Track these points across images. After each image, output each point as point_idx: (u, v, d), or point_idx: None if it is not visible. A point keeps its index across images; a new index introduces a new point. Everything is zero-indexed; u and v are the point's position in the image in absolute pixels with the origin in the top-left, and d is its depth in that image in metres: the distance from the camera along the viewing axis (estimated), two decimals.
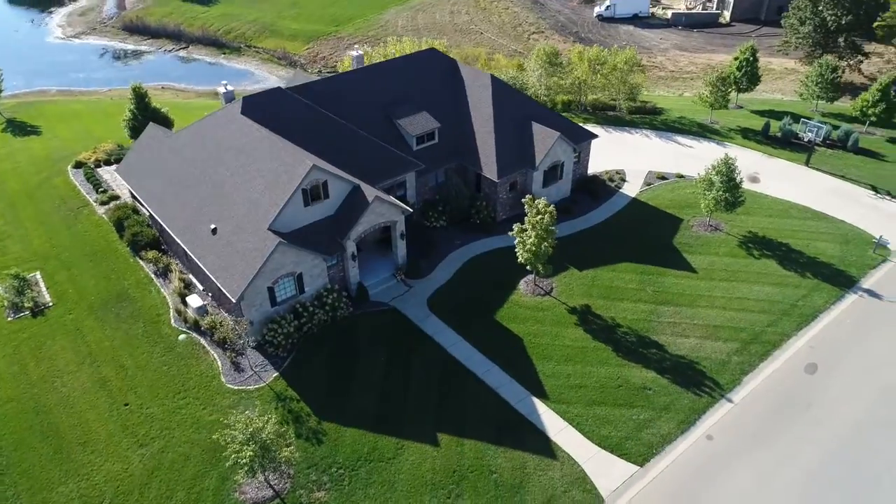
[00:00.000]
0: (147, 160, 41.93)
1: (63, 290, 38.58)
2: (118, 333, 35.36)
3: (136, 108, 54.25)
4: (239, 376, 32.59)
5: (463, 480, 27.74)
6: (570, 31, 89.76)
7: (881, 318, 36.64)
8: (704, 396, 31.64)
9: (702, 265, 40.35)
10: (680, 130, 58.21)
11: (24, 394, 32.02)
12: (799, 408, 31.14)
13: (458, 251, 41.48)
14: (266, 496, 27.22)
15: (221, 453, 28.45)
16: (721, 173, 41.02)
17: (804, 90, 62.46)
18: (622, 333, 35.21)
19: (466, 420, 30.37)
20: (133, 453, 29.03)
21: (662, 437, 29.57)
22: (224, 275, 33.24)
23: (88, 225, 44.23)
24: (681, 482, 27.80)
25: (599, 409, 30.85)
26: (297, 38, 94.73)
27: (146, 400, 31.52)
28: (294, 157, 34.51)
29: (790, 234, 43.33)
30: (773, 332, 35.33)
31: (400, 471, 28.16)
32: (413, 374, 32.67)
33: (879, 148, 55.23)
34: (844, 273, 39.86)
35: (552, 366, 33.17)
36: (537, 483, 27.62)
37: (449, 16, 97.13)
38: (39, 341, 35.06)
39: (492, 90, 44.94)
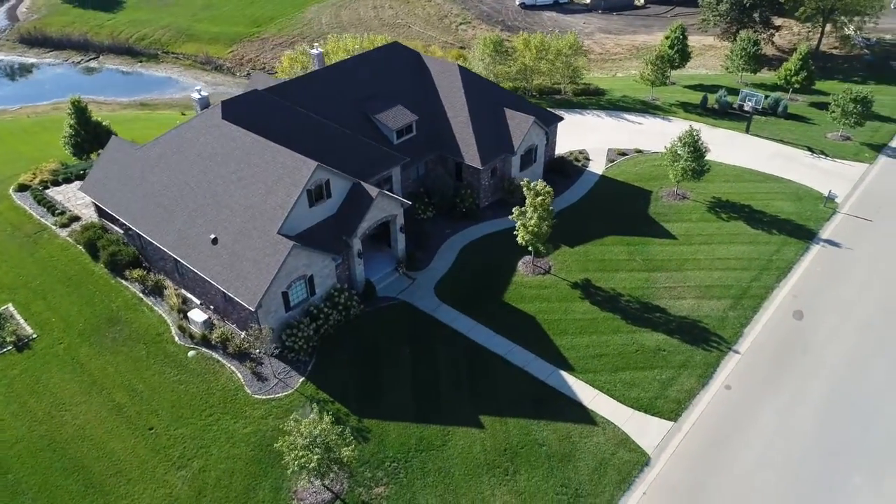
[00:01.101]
0: (117, 175, 39.74)
1: (44, 320, 36.12)
2: (120, 358, 33.59)
3: (77, 123, 51.01)
4: (263, 386, 31.84)
5: (515, 457, 28.53)
6: (496, 21, 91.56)
7: (844, 264, 40.34)
8: (714, 351, 33.90)
9: (680, 232, 42.87)
10: (626, 109, 61.05)
11: (33, 432, 29.95)
12: (797, 351, 33.98)
13: (450, 240, 42.02)
14: (325, 499, 26.95)
15: (268, 464, 28.09)
16: (687, 144, 43.68)
17: (729, 63, 67.01)
18: (625, 302, 37.00)
19: (502, 399, 31.14)
20: (173, 476, 27.89)
21: (687, 393, 31.52)
22: (236, 284, 32.29)
23: (53, 250, 41.42)
24: (713, 431, 29.81)
25: (624, 374, 32.43)
26: (217, 41, 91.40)
27: (171, 421, 30.25)
28: (294, 159, 33.88)
29: (749, 197, 46.71)
30: (758, 287, 38.20)
31: (452, 456, 28.58)
32: (440, 362, 33.06)
33: (805, 112, 60.19)
34: (804, 227, 43.50)
35: (569, 339, 34.47)
36: (585, 449, 28.83)
37: (373, 11, 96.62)
38: (34, 376, 32.79)
39: (462, 80, 45.62)
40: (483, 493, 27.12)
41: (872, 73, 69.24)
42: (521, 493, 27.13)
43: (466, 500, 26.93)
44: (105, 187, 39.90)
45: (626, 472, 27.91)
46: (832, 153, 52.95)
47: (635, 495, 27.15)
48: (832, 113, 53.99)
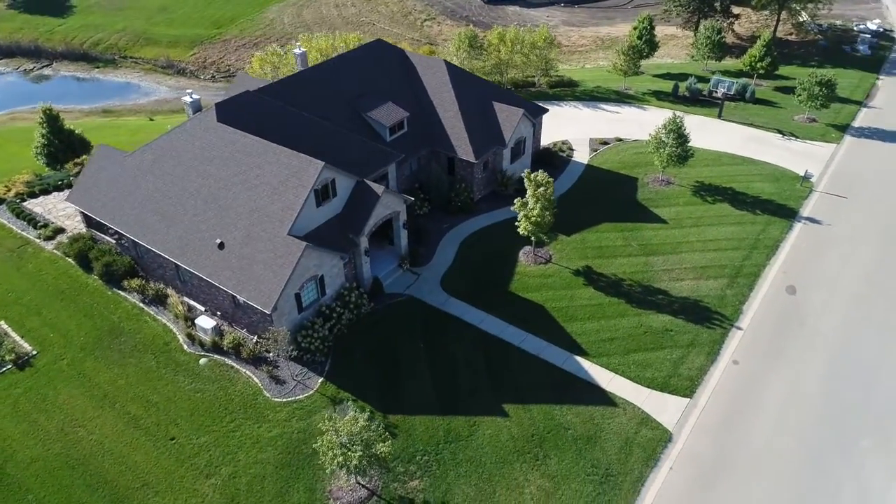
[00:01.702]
0: (107, 183, 38.65)
1: (42, 336, 34.97)
2: (129, 370, 32.82)
3: (50, 132, 49.31)
4: (283, 389, 31.59)
5: (543, 442, 29.09)
6: (461, 16, 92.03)
7: (826, 239, 42.27)
8: (717, 328, 35.15)
9: (670, 216, 44.17)
10: (601, 99, 62.33)
11: (48, 450, 29.05)
12: (794, 324, 35.52)
13: (448, 235, 42.31)
14: (361, 496, 27.00)
15: (299, 466, 28.00)
16: (672, 131, 45.00)
17: (695, 52, 69.09)
18: (627, 286, 37.98)
19: (522, 387, 31.66)
20: (202, 485, 27.49)
21: (698, 370, 32.64)
22: (248, 288, 31.90)
23: (40, 263, 40.04)
24: (727, 404, 30.98)
25: (636, 356, 33.35)
26: (178, 44, 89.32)
27: (192, 430, 29.76)
28: (300, 160, 33.61)
29: (730, 179, 48.42)
30: (751, 265, 39.72)
31: (481, 446, 28.97)
32: (456, 355, 33.37)
33: (771, 97, 62.55)
34: (785, 206, 45.36)
35: (579, 325, 35.22)
36: (609, 430, 29.61)
37: (335, 9, 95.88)
38: (40, 393, 31.76)
39: (449, 75, 45.91)
40: (517, 479, 27.60)
41: (828, 58, 72.36)
42: (554, 476, 27.72)
43: (501, 486, 27.37)
44: (95, 196, 38.75)
45: (651, 450, 28.79)
46: (801, 135, 55.25)
47: (663, 471, 28.05)
48: (799, 96, 56.33)
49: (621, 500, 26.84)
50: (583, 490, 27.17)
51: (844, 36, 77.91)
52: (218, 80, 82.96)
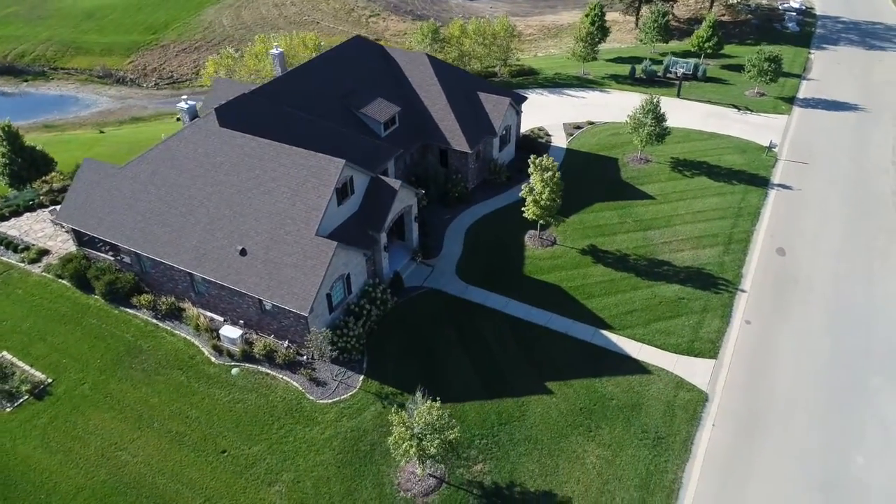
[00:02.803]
0: (101, 199, 36.97)
1: (53, 363, 33.28)
2: (159, 387, 31.77)
3: (11, 150, 46.59)
4: (325, 390, 31.42)
5: (592, 414, 30.28)
6: (405, 11, 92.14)
7: (800, 202, 45.49)
8: (724, 293, 37.35)
9: (656, 192, 46.31)
10: (564, 85, 64.19)
11: (93, 478, 27.86)
12: (791, 283, 38.19)
13: (451, 225, 42.86)
14: (431, 485, 27.37)
15: (360, 463, 28.15)
16: (650, 112, 47.13)
17: (642, 35, 72.04)
18: (633, 260, 39.71)
19: (559, 365, 32.73)
20: (267, 493, 27.13)
21: (716, 332, 34.65)
22: (280, 292, 31.47)
23: (30, 288, 37.94)
24: (749, 361, 33.11)
25: (657, 325, 35.05)
26: (112, 52, 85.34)
27: (242, 440, 29.22)
28: (318, 160, 33.34)
29: (702, 154, 51.14)
30: (740, 231, 42.28)
31: (535, 424, 29.85)
32: (488, 340, 34.07)
33: (719, 74, 66.14)
34: (757, 175, 48.40)
35: (597, 301, 36.62)
36: (650, 396, 31.11)
37: (276, 9, 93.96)
38: (68, 421, 30.32)
39: (433, 68, 46.34)
40: (575, 451, 28.66)
41: (762, 35, 77.03)
42: (609, 445, 28.95)
43: (562, 460, 28.37)
44: (89, 213, 36.99)
45: (692, 410, 30.48)
46: (755, 108, 58.83)
47: (707, 429, 29.79)
48: (748, 72, 59.88)
49: (676, 460, 28.37)
50: (639, 454, 28.54)
51: (772, 14, 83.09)
52: (163, 88, 79.92)
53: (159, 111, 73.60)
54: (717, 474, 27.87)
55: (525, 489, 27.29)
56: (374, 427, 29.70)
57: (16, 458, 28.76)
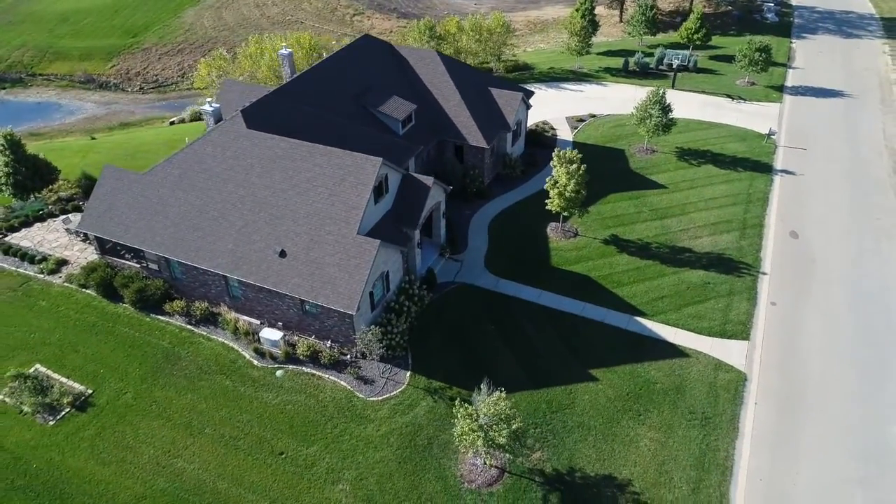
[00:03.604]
0: (126, 206, 36.34)
1: (90, 373, 32.71)
2: (204, 393, 31.51)
3: (14, 159, 45.33)
4: (373, 388, 31.56)
5: (639, 398, 31.06)
6: (389, 9, 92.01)
7: (804, 187, 47.09)
8: (747, 276, 38.55)
9: (666, 181, 47.42)
10: (560, 79, 65.06)
11: (151, 487, 27.55)
12: (808, 263, 39.60)
13: (473, 221, 43.27)
14: (493, 475, 27.79)
15: (421, 458, 28.41)
16: (657, 103, 48.20)
17: (631, 28, 73.38)
18: (655, 248, 40.67)
19: (599, 352, 33.43)
20: (332, 492, 27.21)
21: (745, 314, 35.78)
22: (325, 293, 31.47)
23: (54, 299, 37.15)
24: (780, 341, 34.30)
25: (688, 310, 36.03)
26: (92, 56, 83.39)
27: (298, 442, 29.21)
28: (355, 158, 33.38)
29: (705, 143, 52.49)
30: (753, 216, 43.61)
31: (585, 411, 30.50)
32: (527, 332, 34.59)
33: (709, 65, 67.84)
34: (760, 162, 49.92)
35: (627, 289, 37.45)
36: (692, 379, 32.03)
37: (257, 9, 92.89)
38: (116, 431, 29.88)
39: (444, 65, 46.62)
40: (629, 435, 29.40)
41: (744, 26, 79.19)
42: (660, 427, 29.76)
43: (617, 444, 29.07)
44: (114, 221, 36.33)
45: (733, 390, 31.49)
46: (747, 97, 60.54)
47: (750, 407, 30.81)
48: (739, 62, 61.56)
49: (726, 439, 29.32)
50: (690, 435, 29.41)
51: (751, 5, 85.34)
52: (148, 92, 78.47)
53: (147, 116, 72.31)
54: (766, 450, 28.90)
55: (585, 474, 27.91)
56: (429, 421, 29.98)
57: (68, 472, 28.26)
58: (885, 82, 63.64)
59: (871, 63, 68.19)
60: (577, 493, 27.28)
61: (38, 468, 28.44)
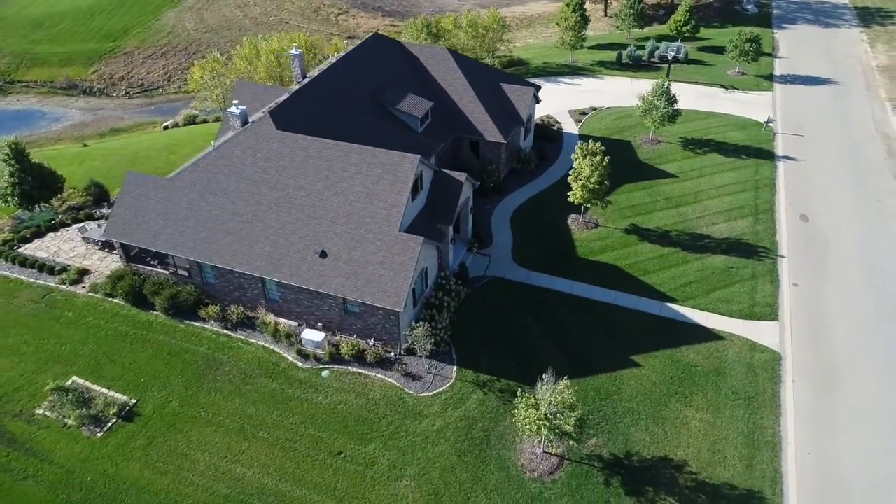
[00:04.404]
0: (153, 212, 35.80)
1: (131, 383, 32.24)
2: (253, 396, 31.33)
3: (20, 168, 44.17)
4: (422, 384, 31.77)
5: (683, 382, 31.89)
6: (374, 7, 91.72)
7: (807, 172, 48.67)
8: (766, 259, 39.77)
9: (675, 170, 48.52)
10: (556, 74, 65.86)
11: (213, 493, 27.34)
12: (822, 246, 41.01)
13: (494, 215, 43.68)
14: (554, 463, 28.30)
15: (479, 450, 28.79)
16: (663, 95, 49.25)
17: (619, 22, 74.59)
18: (675, 236, 41.65)
19: (637, 339, 34.17)
20: (397, 488, 27.39)
21: (771, 296, 36.95)
22: (370, 291, 31.56)
23: (80, 309, 36.42)
24: (807, 320, 35.52)
25: (716, 294, 37.05)
26: (72, 62, 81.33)
27: (354, 441, 29.27)
28: (391, 157, 33.50)
29: (706, 132, 53.81)
30: (763, 201, 44.95)
31: (633, 396, 31.20)
32: (564, 321, 35.18)
33: (699, 56, 69.38)
34: (762, 149, 51.40)
35: (655, 276, 38.31)
36: (730, 360, 33.01)
37: (239, 10, 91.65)
38: (168, 439, 29.54)
39: (456, 62, 46.92)
40: (678, 418, 30.20)
41: (727, 18, 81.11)
42: (707, 408, 30.63)
43: (668, 427, 29.84)
44: (142, 228, 35.75)
45: (771, 370, 32.56)
46: (740, 87, 62.16)
47: (788, 385, 31.90)
48: (730, 53, 63.16)
49: (770, 416, 30.33)
50: (736, 414, 30.34)
51: None
52: (134, 97, 76.89)
53: (137, 121, 70.85)
54: (809, 426, 29.99)
55: (642, 457, 28.61)
56: (482, 414, 30.34)
57: (124, 483, 27.86)
58: (868, 69, 65.99)
59: (852, 51, 70.59)
60: (637, 476, 27.95)
61: (92, 481, 27.98)
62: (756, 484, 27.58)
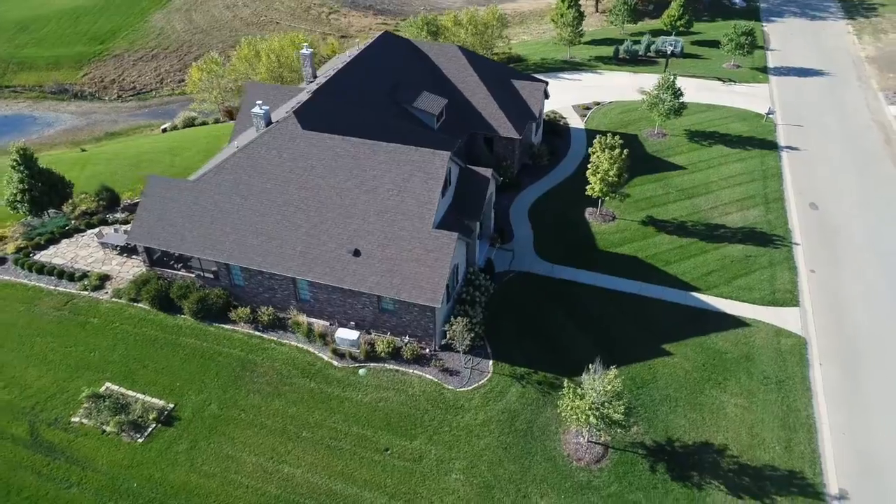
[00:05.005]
0: (179, 215, 35.49)
1: (167, 387, 32.00)
2: (292, 397, 31.30)
3: (29, 174, 43.42)
4: (460, 379, 32.01)
5: (715, 369, 32.57)
6: (365, 6, 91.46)
7: (810, 161, 49.83)
8: (782, 247, 40.70)
9: (684, 162, 49.34)
10: (555, 69, 66.40)
11: (263, 494, 27.32)
12: (833, 233, 42.08)
13: (512, 210, 44.03)
14: (598, 452, 28.77)
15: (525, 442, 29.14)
16: (669, 88, 50.03)
17: (613, 17, 75.42)
18: (691, 226, 42.42)
19: (666, 328, 34.78)
20: (448, 482, 27.62)
21: (790, 282, 37.86)
22: (406, 288, 31.72)
23: (105, 315, 36.01)
24: (828, 305, 36.45)
25: (738, 282, 37.85)
26: (60, 66, 79.90)
27: (399, 437, 29.44)
28: (421, 154, 33.65)
29: (709, 124, 54.77)
30: (772, 191, 45.95)
31: (668, 384, 31.80)
32: (593, 313, 35.68)
33: (694, 50, 70.43)
34: (765, 140, 52.48)
35: (676, 267, 39.00)
36: (758, 346, 33.78)
37: (228, 10, 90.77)
38: (211, 442, 29.41)
39: (467, 59, 47.17)
40: (714, 403, 30.86)
41: (716, 12, 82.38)
42: (741, 393, 31.35)
43: (705, 412, 30.48)
44: (168, 231, 35.43)
45: (798, 354, 33.40)
46: (737, 79, 63.32)
47: (816, 368, 32.76)
48: (726, 46, 64.28)
49: (802, 398, 31.14)
50: (770, 398, 31.10)
51: None
52: (127, 100, 75.79)
53: (132, 125, 69.93)
54: (841, 407, 30.86)
55: (684, 443, 29.21)
56: (523, 406, 30.70)
57: (172, 487, 27.71)
58: (857, 60, 67.63)
59: (840, 43, 72.26)
60: (680, 461, 28.54)
61: (138, 487, 27.79)
62: (796, 465, 28.34)
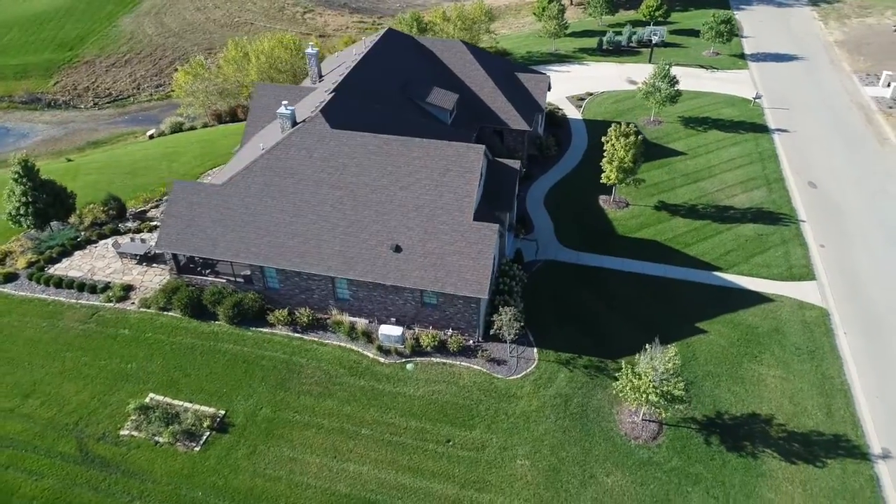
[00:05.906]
0: (209, 220, 34.96)
1: (214, 393, 31.58)
2: (344, 395, 31.28)
3: (33, 186, 42.00)
4: (507, 368, 32.51)
5: (748, 342, 33.89)
6: (340, 4, 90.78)
7: (802, 142, 52.00)
8: (791, 224, 42.46)
9: (683, 148, 50.87)
10: (542, 62, 67.34)
11: (333, 493, 27.30)
12: (835, 209, 44.09)
13: (527, 200, 44.72)
14: (654, 429, 29.67)
15: (583, 424, 29.87)
16: (664, 77, 51.45)
17: (591, 9, 76.83)
18: (701, 209, 43.85)
19: (695, 307, 35.97)
20: (513, 467, 28.12)
21: (804, 257, 39.58)
22: (452, 281, 32.03)
23: (135, 326, 35.23)
24: (843, 278, 38.25)
25: (755, 260, 39.37)
26: (28, 74, 77.08)
27: (457, 428, 29.78)
28: (455, 148, 33.98)
29: (701, 110, 56.52)
30: (772, 172, 47.82)
31: (708, 361, 32.95)
32: (624, 297, 36.64)
33: (672, 39, 72.38)
34: (756, 123, 54.48)
35: (695, 248, 40.31)
36: (785, 319, 35.27)
37: (199, 13, 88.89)
38: (270, 447, 29.16)
39: (472, 54, 47.60)
40: (754, 376, 32.14)
41: (687, 2, 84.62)
42: (776, 365, 32.73)
43: (747, 385, 31.72)
44: (198, 237, 34.86)
45: (823, 324, 35.02)
46: (718, 67, 65.40)
47: (841, 337, 34.41)
48: (706, 34, 66.29)
49: (834, 366, 32.70)
50: (804, 368, 32.57)
51: None
52: (104, 107, 73.54)
53: (114, 132, 67.95)
54: (870, 372, 32.52)
55: (732, 415, 30.37)
56: (574, 390, 31.40)
57: (238, 493, 27.44)
58: (828, 45, 70.64)
59: (809, 28, 75.30)
60: (732, 433, 29.66)
61: (203, 496, 27.43)
62: (839, 429, 29.81)
